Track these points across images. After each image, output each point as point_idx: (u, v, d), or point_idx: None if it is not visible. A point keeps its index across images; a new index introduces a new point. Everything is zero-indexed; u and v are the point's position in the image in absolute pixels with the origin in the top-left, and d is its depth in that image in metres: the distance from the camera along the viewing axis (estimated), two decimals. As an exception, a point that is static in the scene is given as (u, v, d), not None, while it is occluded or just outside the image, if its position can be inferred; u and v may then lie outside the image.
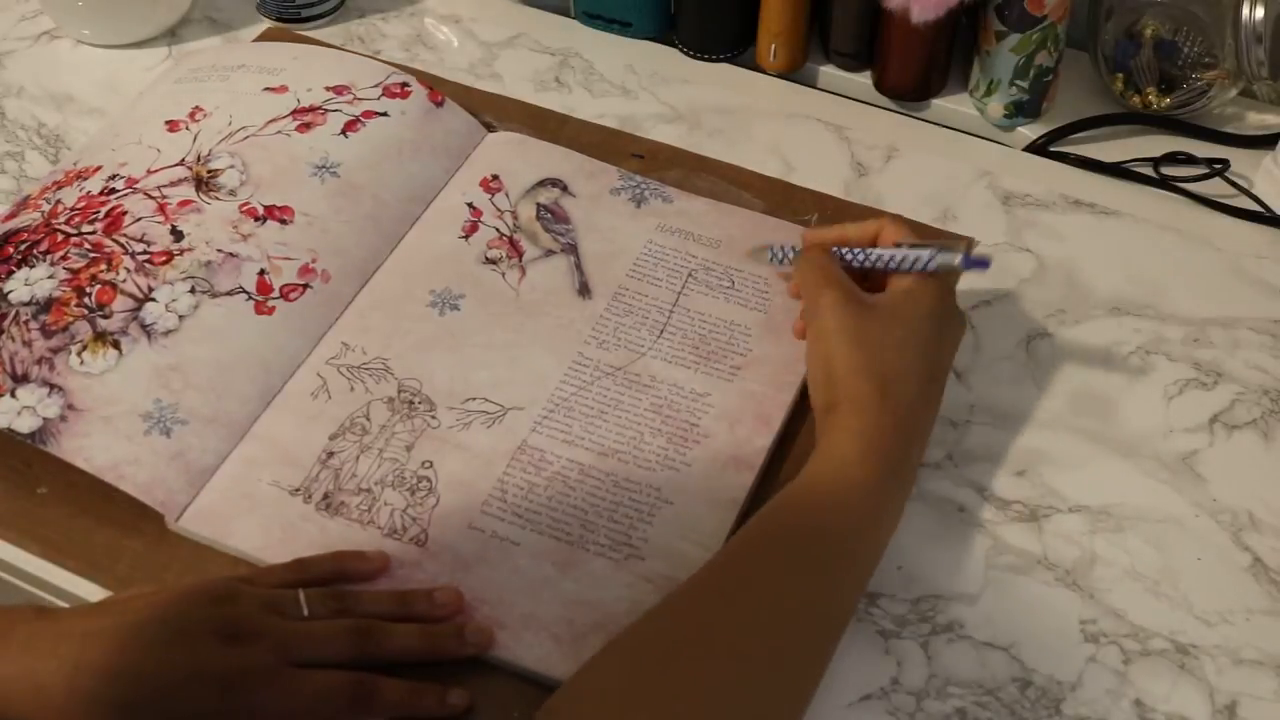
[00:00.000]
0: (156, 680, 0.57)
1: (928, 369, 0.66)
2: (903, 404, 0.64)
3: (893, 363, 0.65)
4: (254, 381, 0.72)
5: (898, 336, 0.65)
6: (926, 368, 0.66)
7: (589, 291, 0.78)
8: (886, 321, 0.66)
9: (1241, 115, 0.90)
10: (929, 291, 0.67)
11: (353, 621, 0.62)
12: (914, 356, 0.65)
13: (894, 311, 0.66)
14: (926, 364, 0.66)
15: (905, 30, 0.86)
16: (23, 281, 0.73)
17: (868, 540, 0.63)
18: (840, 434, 0.64)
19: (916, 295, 0.67)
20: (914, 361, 0.65)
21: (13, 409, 0.68)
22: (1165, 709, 0.62)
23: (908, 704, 0.62)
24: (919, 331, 0.66)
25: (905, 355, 0.65)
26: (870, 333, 0.65)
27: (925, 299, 0.67)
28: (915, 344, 0.66)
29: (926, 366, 0.66)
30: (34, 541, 0.68)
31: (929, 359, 0.66)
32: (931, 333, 0.67)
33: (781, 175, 0.86)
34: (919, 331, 0.66)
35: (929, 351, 0.66)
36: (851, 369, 0.65)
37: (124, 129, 0.84)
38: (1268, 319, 0.78)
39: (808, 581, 0.60)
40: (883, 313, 0.66)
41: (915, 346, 0.66)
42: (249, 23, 0.98)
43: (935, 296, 0.67)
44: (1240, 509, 0.69)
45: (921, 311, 0.67)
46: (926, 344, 0.66)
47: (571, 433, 0.71)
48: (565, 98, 0.92)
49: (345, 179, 0.81)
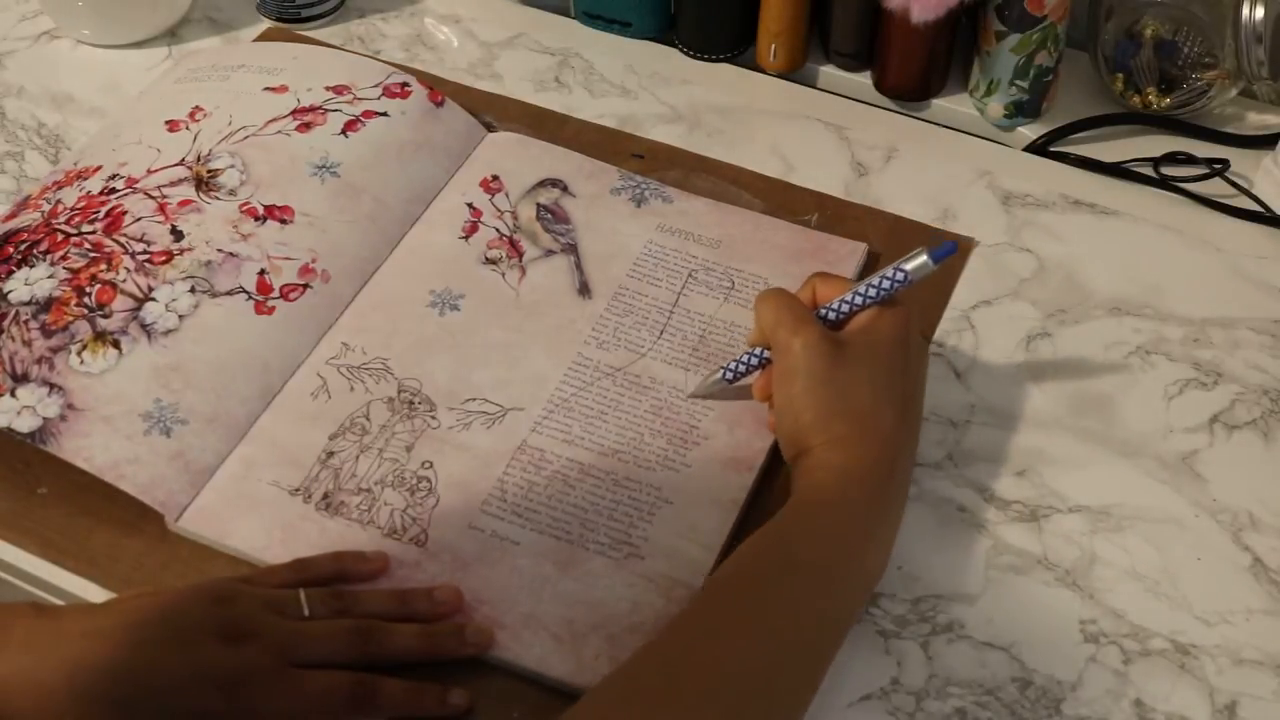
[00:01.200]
0: (157, 680, 0.57)
1: (900, 398, 0.65)
2: (880, 436, 0.63)
3: (864, 397, 0.64)
4: (254, 381, 0.72)
5: (866, 371, 0.64)
6: (897, 395, 0.65)
7: (589, 291, 0.78)
8: (855, 359, 0.65)
9: (1241, 115, 0.90)
10: (888, 322, 0.66)
11: (353, 622, 0.62)
12: (885, 388, 0.64)
13: (861, 347, 0.65)
14: (896, 391, 0.65)
15: (905, 30, 0.86)
16: (23, 281, 0.73)
17: (852, 572, 0.62)
18: (818, 472, 0.63)
19: (878, 327, 0.66)
20: (886, 393, 0.64)
21: (13, 408, 0.68)
22: (1165, 709, 0.62)
23: (908, 704, 0.62)
24: (887, 362, 0.65)
25: (877, 389, 0.64)
26: (841, 373, 0.64)
27: (886, 329, 0.66)
28: (885, 376, 0.65)
29: (896, 394, 0.65)
30: (34, 541, 0.68)
31: (899, 385, 0.65)
32: (899, 361, 0.65)
33: (781, 175, 0.86)
34: (887, 362, 0.65)
35: (897, 378, 0.65)
36: (826, 414, 0.63)
37: (124, 129, 0.84)
38: (1268, 319, 0.78)
39: (791, 619, 0.59)
40: (851, 350, 0.65)
41: (885, 378, 0.64)
42: (249, 23, 0.98)
43: (895, 325, 0.66)
44: (1240, 509, 0.69)
45: (885, 340, 0.65)
46: (895, 373, 0.65)
47: (571, 433, 0.71)
48: (565, 98, 0.92)
49: (345, 179, 0.81)
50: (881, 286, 0.65)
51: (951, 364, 0.76)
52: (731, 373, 0.70)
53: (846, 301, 0.66)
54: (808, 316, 0.66)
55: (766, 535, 0.62)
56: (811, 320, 0.66)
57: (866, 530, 0.62)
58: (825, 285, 0.68)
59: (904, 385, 0.65)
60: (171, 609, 0.59)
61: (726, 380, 0.70)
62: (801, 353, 0.64)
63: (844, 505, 0.62)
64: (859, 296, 0.66)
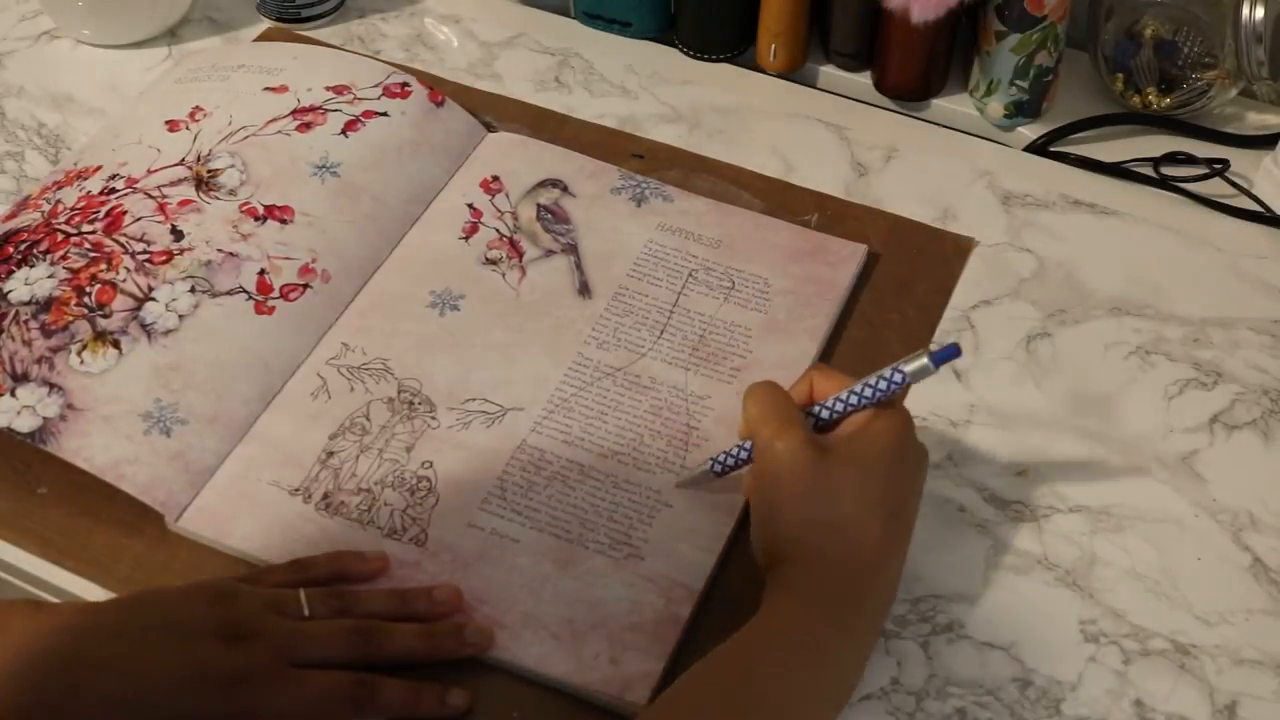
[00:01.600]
0: (158, 679, 0.57)
1: (887, 510, 0.60)
2: (860, 555, 0.59)
3: (848, 512, 0.59)
4: (254, 381, 0.72)
5: (853, 481, 0.60)
6: (886, 509, 0.60)
7: (589, 291, 0.78)
8: (841, 466, 0.60)
9: (1241, 115, 0.90)
10: (884, 427, 0.61)
11: (353, 622, 0.62)
12: (871, 498, 0.59)
13: (849, 454, 0.60)
14: (886, 505, 0.60)
15: (905, 30, 0.86)
16: (23, 281, 0.73)
17: (814, 710, 0.58)
18: (783, 593, 0.59)
19: (871, 433, 0.61)
20: (872, 506, 0.59)
21: (12, 408, 0.68)
22: (1165, 709, 0.62)
23: (908, 704, 0.62)
24: (876, 472, 0.60)
25: (862, 501, 0.59)
26: (824, 481, 0.60)
27: (881, 435, 0.61)
28: (872, 486, 0.60)
29: (886, 508, 0.60)
30: (34, 541, 0.68)
31: (889, 499, 0.60)
32: (890, 470, 0.60)
33: (781, 175, 0.86)
34: (876, 472, 0.60)
35: (888, 491, 0.60)
36: (802, 522, 0.60)
37: (124, 129, 0.84)
38: (1268, 319, 0.78)
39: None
40: (837, 457, 0.60)
41: (873, 489, 0.60)
42: (249, 23, 0.98)
43: (891, 430, 0.61)
44: (1240, 509, 0.69)
45: (878, 449, 0.60)
46: (885, 483, 0.60)
47: (571, 434, 0.71)
48: (565, 98, 0.92)
49: (345, 179, 0.81)
50: (878, 388, 0.61)
51: (951, 364, 0.76)
52: (720, 465, 0.66)
53: (841, 400, 0.62)
54: (794, 417, 0.62)
55: (723, 663, 0.57)
56: (797, 422, 0.62)
57: (834, 665, 0.59)
58: (823, 380, 0.64)
59: (895, 496, 0.61)
60: (172, 608, 0.59)
61: (714, 473, 0.66)
62: (784, 457, 0.60)
63: (810, 644, 0.58)
64: (854, 396, 0.62)
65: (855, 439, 0.61)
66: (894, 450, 0.61)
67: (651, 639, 0.63)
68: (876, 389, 0.61)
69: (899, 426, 0.62)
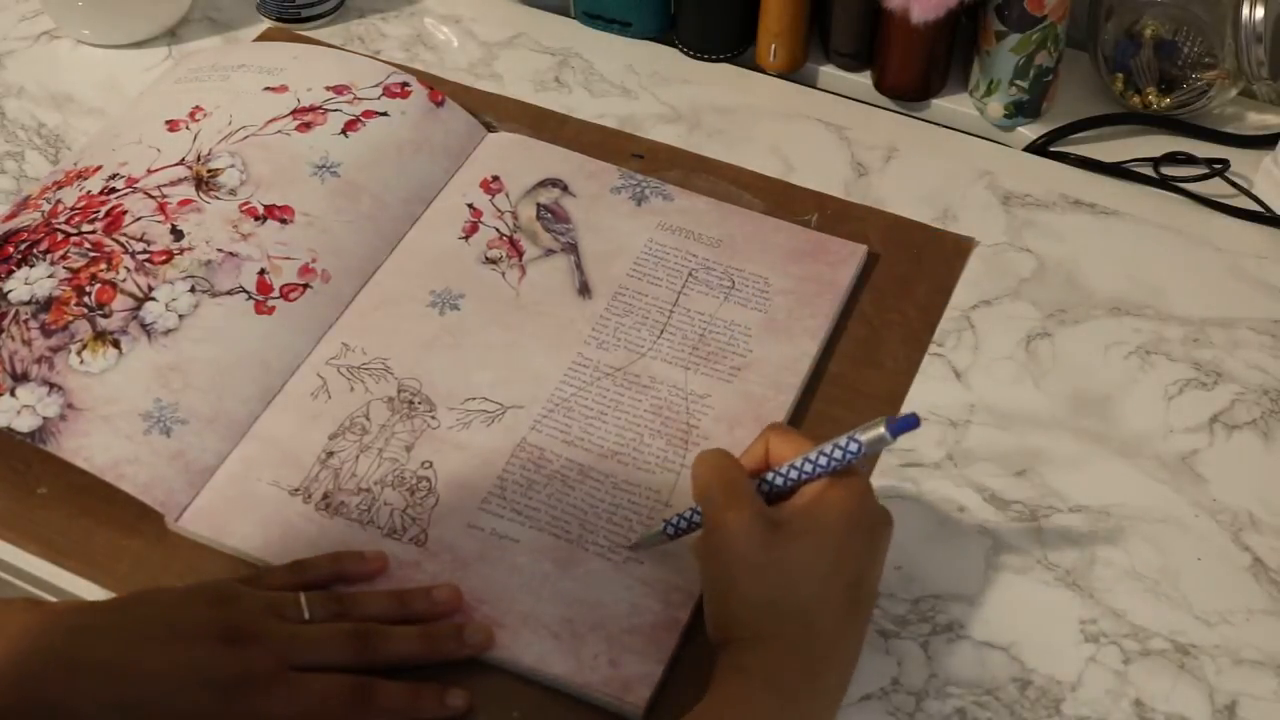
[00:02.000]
0: (156, 680, 0.57)
1: (844, 583, 0.57)
2: (813, 637, 0.57)
3: (801, 589, 0.57)
4: (254, 381, 0.72)
5: (807, 559, 0.57)
6: (842, 585, 0.57)
7: (589, 291, 0.78)
8: (794, 543, 0.57)
9: (1241, 115, 0.90)
10: (839, 496, 0.58)
11: (352, 625, 0.62)
12: (827, 574, 0.57)
13: (802, 529, 0.58)
14: (842, 581, 0.57)
15: (905, 30, 0.86)
16: (23, 281, 0.73)
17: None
18: (733, 675, 0.57)
19: (826, 503, 0.58)
20: (827, 580, 0.57)
21: (12, 408, 0.68)
22: (1165, 709, 0.62)
23: (908, 704, 0.62)
24: (829, 546, 0.57)
25: (815, 576, 0.57)
26: (777, 560, 0.57)
27: (835, 506, 0.58)
28: (827, 560, 0.57)
29: (843, 581, 0.57)
30: (34, 541, 0.68)
31: (845, 574, 0.57)
32: (845, 543, 0.57)
33: (781, 175, 0.86)
34: (829, 546, 0.57)
35: (844, 566, 0.57)
36: (754, 604, 0.57)
37: (124, 129, 0.84)
38: (1268, 319, 0.78)
39: None
40: (790, 531, 0.57)
41: (828, 563, 0.57)
42: (249, 23, 0.98)
43: (847, 500, 0.58)
44: (1240, 509, 0.69)
45: (832, 520, 0.58)
46: (839, 558, 0.57)
47: (571, 433, 0.71)
48: (565, 98, 0.92)
49: (345, 179, 0.81)
50: (834, 456, 0.58)
51: (951, 364, 0.76)
52: (673, 528, 0.63)
53: (795, 468, 0.59)
54: (743, 489, 0.59)
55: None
56: (747, 494, 0.59)
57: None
58: (779, 441, 0.61)
59: (853, 570, 0.58)
60: (171, 610, 0.59)
61: (667, 535, 0.64)
62: (734, 533, 0.57)
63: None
64: (809, 464, 0.59)
65: (808, 511, 0.58)
66: (849, 522, 0.58)
67: (650, 642, 0.63)
68: (831, 458, 0.58)
69: (855, 496, 0.58)
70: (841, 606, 0.58)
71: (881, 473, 0.71)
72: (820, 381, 0.74)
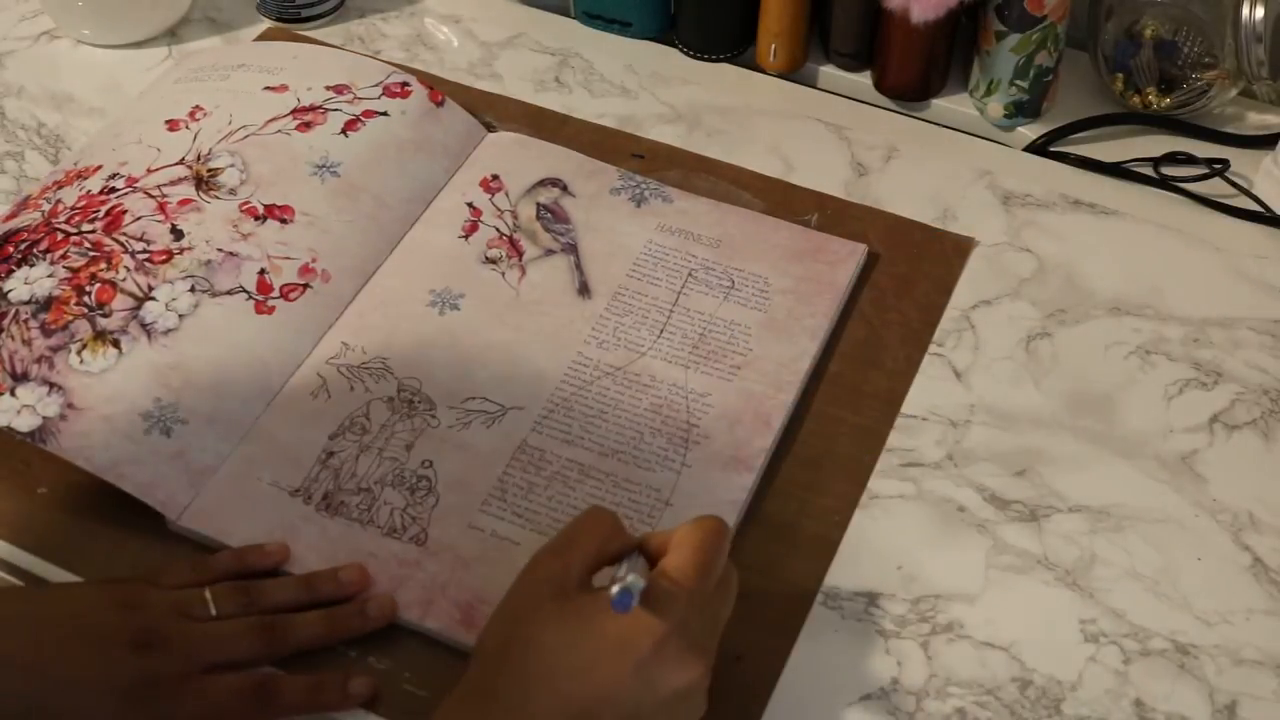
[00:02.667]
0: (64, 685, 0.57)
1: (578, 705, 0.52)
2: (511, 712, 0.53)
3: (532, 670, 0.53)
4: (254, 381, 0.72)
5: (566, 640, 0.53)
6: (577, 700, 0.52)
7: (589, 291, 0.78)
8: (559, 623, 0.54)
9: (1241, 115, 0.90)
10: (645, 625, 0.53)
11: (257, 619, 0.62)
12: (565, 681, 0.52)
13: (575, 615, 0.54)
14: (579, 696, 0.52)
15: (905, 30, 0.86)
16: (23, 280, 0.73)
17: None
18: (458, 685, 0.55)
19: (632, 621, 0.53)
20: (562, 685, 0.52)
21: (12, 407, 0.68)
22: (1165, 709, 0.62)
23: (908, 704, 0.62)
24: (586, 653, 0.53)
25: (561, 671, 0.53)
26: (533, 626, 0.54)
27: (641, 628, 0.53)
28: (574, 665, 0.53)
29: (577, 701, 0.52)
30: (34, 541, 0.68)
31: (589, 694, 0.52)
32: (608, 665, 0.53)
33: (781, 175, 0.86)
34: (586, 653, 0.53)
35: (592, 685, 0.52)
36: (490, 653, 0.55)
37: (124, 128, 0.84)
38: (1268, 319, 0.78)
39: None
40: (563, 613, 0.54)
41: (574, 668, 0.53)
42: (249, 23, 0.98)
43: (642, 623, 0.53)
44: (1240, 509, 0.69)
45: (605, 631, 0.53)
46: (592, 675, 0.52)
47: (571, 433, 0.71)
48: (565, 98, 0.92)
49: (345, 178, 0.81)
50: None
51: (951, 364, 0.76)
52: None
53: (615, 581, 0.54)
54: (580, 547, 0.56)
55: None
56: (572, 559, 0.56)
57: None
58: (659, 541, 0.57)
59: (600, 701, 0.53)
60: (80, 612, 0.60)
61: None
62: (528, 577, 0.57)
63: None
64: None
65: (597, 605, 0.54)
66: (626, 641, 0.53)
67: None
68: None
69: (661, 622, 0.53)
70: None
71: (882, 473, 0.71)
72: (820, 381, 0.74)
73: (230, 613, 0.62)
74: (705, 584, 0.55)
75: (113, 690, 0.57)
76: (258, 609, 0.63)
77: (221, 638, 0.61)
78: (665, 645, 0.53)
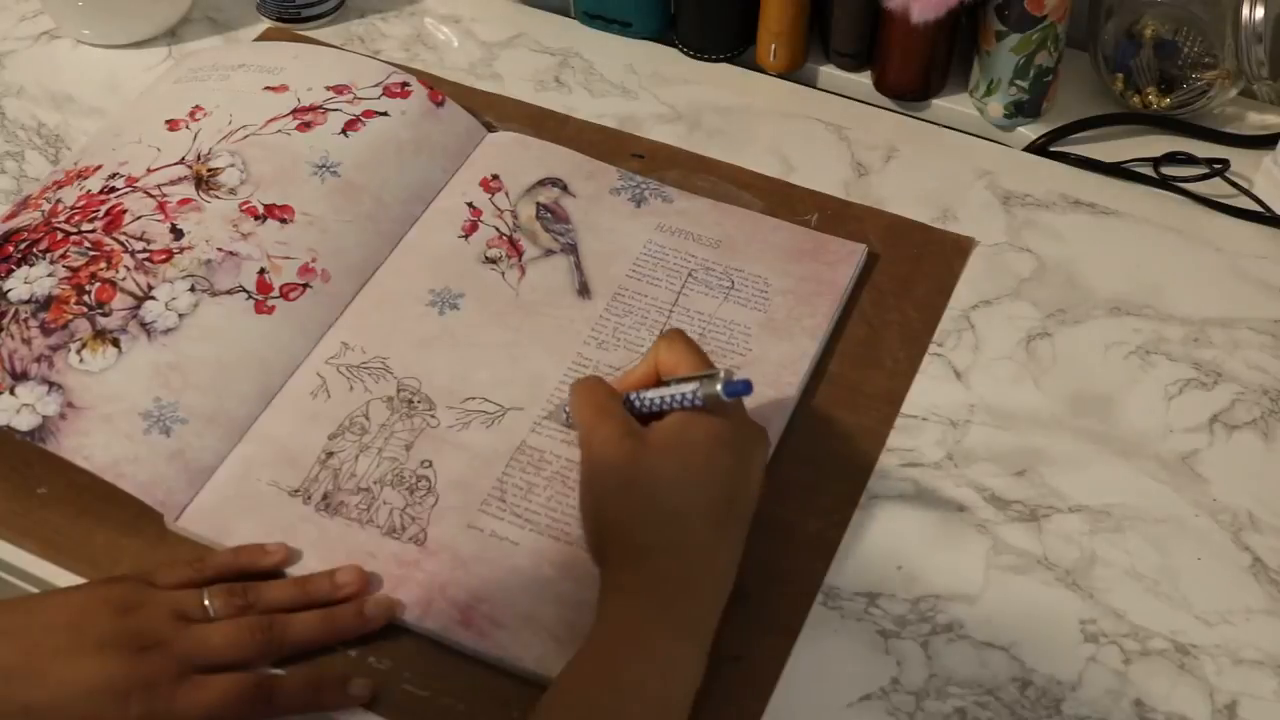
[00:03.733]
0: (64, 690, 0.57)
1: (710, 501, 0.59)
2: (682, 550, 0.59)
3: (668, 501, 0.59)
4: (254, 381, 0.72)
5: (672, 470, 0.59)
6: (708, 500, 0.59)
7: (589, 291, 0.78)
8: (660, 455, 0.60)
9: (1241, 115, 0.90)
10: (700, 426, 0.60)
11: (254, 619, 0.62)
12: (695, 492, 0.59)
13: (669, 443, 0.60)
14: (709, 496, 0.59)
15: (905, 30, 0.86)
16: (22, 279, 0.73)
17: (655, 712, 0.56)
18: (612, 594, 0.59)
19: (693, 421, 0.60)
20: (694, 493, 0.59)
21: (12, 407, 0.68)
22: (1165, 709, 0.62)
23: (908, 704, 0.62)
24: (697, 463, 0.59)
25: (682, 489, 0.59)
26: (643, 473, 0.59)
27: (702, 423, 0.60)
28: (693, 474, 0.59)
29: (709, 499, 0.59)
30: (34, 541, 0.68)
31: (715, 489, 0.59)
32: (715, 460, 0.60)
33: (781, 175, 0.86)
34: (697, 463, 0.59)
35: (714, 481, 0.59)
36: (623, 520, 0.59)
37: (124, 128, 0.84)
38: (1268, 319, 0.78)
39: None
40: (657, 446, 0.60)
41: (694, 477, 0.59)
42: (249, 23, 0.98)
43: (708, 429, 0.60)
44: (1240, 509, 0.69)
45: (697, 439, 0.60)
46: (709, 474, 0.59)
47: (571, 433, 0.71)
48: (565, 98, 0.92)
49: (345, 178, 0.81)
50: (681, 400, 0.61)
51: (951, 364, 0.76)
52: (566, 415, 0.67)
53: (653, 399, 0.62)
54: (610, 408, 0.62)
55: (573, 683, 0.57)
56: (613, 414, 0.62)
57: (674, 671, 0.57)
58: (668, 352, 0.64)
59: (721, 484, 0.60)
60: (76, 616, 0.60)
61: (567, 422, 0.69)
62: (600, 447, 0.61)
63: (648, 655, 0.57)
64: (668, 399, 0.62)
65: (675, 428, 0.61)
66: (715, 439, 0.60)
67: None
68: (675, 401, 0.61)
69: (722, 415, 0.61)
70: (712, 519, 0.59)
71: (882, 473, 0.71)
72: (820, 381, 0.74)
73: (227, 614, 0.62)
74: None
75: (112, 694, 0.57)
76: (255, 610, 0.63)
77: (217, 640, 0.61)
78: (739, 427, 0.62)
